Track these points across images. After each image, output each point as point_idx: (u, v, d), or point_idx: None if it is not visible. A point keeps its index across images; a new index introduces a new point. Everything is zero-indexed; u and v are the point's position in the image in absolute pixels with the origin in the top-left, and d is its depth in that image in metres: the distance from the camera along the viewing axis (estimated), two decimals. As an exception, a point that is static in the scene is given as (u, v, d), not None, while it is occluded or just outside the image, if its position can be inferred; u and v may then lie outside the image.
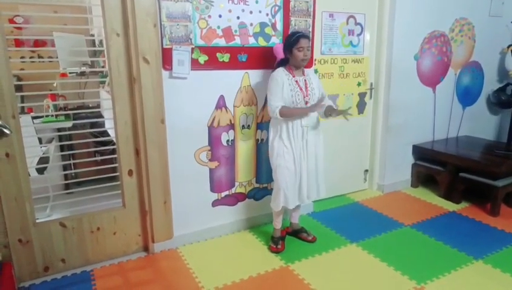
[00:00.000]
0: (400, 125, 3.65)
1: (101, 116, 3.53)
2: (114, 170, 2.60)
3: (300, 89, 2.46)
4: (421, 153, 3.80)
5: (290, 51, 2.43)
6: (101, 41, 3.88)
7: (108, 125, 3.18)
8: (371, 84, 3.57)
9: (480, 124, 4.28)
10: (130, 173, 2.53)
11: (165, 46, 2.40)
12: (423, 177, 3.87)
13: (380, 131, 3.65)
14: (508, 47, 4.02)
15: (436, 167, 3.62)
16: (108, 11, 2.25)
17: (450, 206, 3.41)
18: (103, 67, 4.00)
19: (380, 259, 2.55)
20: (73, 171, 3.47)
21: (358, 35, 3.36)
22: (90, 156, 3.42)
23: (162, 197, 2.59)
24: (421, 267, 2.44)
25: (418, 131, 3.82)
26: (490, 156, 3.42)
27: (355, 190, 3.76)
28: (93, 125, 3.59)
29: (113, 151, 2.62)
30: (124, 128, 2.45)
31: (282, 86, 2.41)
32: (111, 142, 3.18)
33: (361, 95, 3.54)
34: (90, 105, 3.97)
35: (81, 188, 2.45)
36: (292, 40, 2.41)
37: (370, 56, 3.48)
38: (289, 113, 2.41)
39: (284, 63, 2.53)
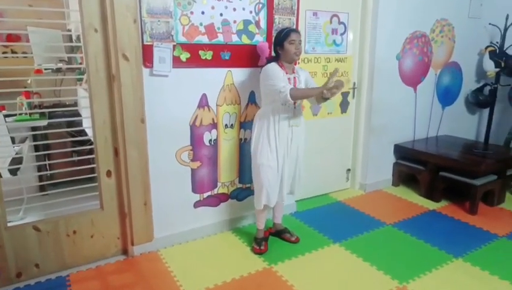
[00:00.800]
0: (382, 125, 3.68)
1: (78, 114, 3.41)
2: (92, 170, 2.50)
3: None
4: (402, 152, 3.84)
5: (281, 46, 2.39)
6: (78, 37, 3.75)
7: (86, 125, 3.07)
8: (354, 83, 3.58)
9: (460, 124, 4.37)
10: (109, 173, 2.45)
11: (145, 43, 2.32)
12: (404, 177, 3.92)
13: (362, 130, 3.67)
14: (486, 48, 4.10)
15: (417, 166, 3.66)
16: (86, 5, 2.16)
17: (430, 204, 3.46)
18: (81, 64, 3.87)
19: (362, 259, 2.55)
20: (48, 172, 3.33)
21: (342, 34, 3.35)
22: (66, 156, 3.29)
23: (142, 198, 2.52)
24: (402, 267, 2.46)
25: (399, 130, 3.86)
26: (469, 155, 3.49)
27: (337, 189, 3.77)
28: (70, 124, 3.46)
29: (91, 151, 2.52)
30: (102, 127, 2.37)
31: (280, 73, 2.37)
32: (89, 142, 3.07)
33: (344, 95, 3.54)
34: (67, 103, 3.83)
35: (56, 190, 2.35)
36: (283, 34, 2.39)
37: (353, 55, 3.49)
38: (303, 94, 2.33)
39: (274, 60, 2.48)
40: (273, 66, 2.40)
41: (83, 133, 3.31)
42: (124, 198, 2.49)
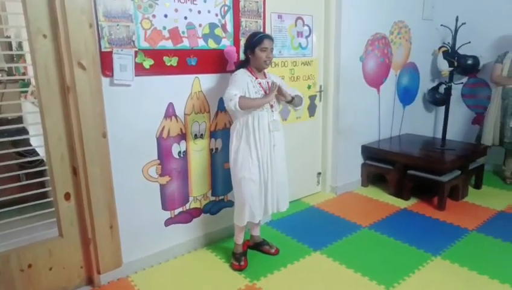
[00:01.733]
0: (349, 127, 3.68)
1: (25, 132, 3.05)
2: (46, 194, 2.22)
3: (265, 92, 2.31)
4: (369, 152, 3.87)
5: (252, 51, 2.27)
6: (20, 44, 3.38)
7: (36, 143, 2.74)
8: (320, 86, 3.55)
9: (419, 122, 4.51)
10: (67, 196, 2.18)
11: (103, 50, 2.09)
12: (372, 177, 3.95)
13: (331, 133, 3.64)
14: (439, 48, 4.26)
15: (385, 166, 3.70)
16: (32, 7, 1.90)
17: (400, 203, 3.51)
18: (23, 74, 3.50)
19: (345, 266, 2.49)
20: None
21: (307, 37, 3.30)
22: (13, 180, 2.91)
23: (107, 221, 2.27)
24: (386, 270, 2.42)
25: (365, 131, 3.89)
26: (433, 152, 3.59)
27: (309, 193, 3.71)
28: (15, 143, 3.08)
29: (42, 173, 2.23)
30: (57, 144, 2.10)
31: (246, 85, 2.25)
32: (41, 162, 2.74)
33: (312, 98, 3.49)
34: (10, 118, 3.43)
35: (5, 220, 2.04)
36: (255, 39, 2.26)
37: (319, 58, 3.46)
38: (250, 103, 2.19)
39: (244, 65, 2.36)
40: (239, 74, 2.28)
41: (35, 153, 2.96)
42: (86, 222, 2.23)
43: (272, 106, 2.33)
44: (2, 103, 3.23)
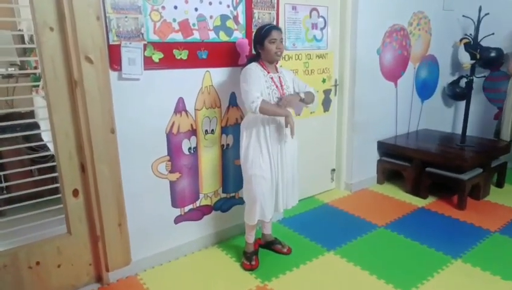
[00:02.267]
0: (365, 122, 3.56)
1: (37, 126, 3.02)
2: (56, 190, 2.18)
3: (277, 86, 2.23)
4: (385, 149, 3.74)
5: (262, 45, 2.19)
6: (31, 37, 3.35)
7: (47, 138, 2.71)
8: (336, 80, 3.43)
9: (437, 117, 4.35)
10: (76, 193, 2.14)
11: (111, 43, 2.03)
12: (389, 173, 3.83)
13: (345, 128, 3.53)
14: (461, 40, 4.08)
15: (402, 163, 3.58)
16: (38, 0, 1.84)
17: (417, 201, 3.38)
18: (35, 68, 3.47)
19: (360, 267, 2.40)
20: (3, 195, 2.92)
21: (322, 29, 3.18)
22: (26, 175, 2.90)
23: (115, 218, 2.23)
24: (403, 273, 2.32)
25: (381, 126, 3.76)
26: (453, 149, 3.44)
27: (323, 190, 3.62)
28: (28, 138, 3.07)
29: (53, 169, 2.20)
30: (65, 141, 2.06)
31: (259, 79, 2.16)
32: (52, 158, 2.72)
33: (327, 92, 3.38)
34: (22, 112, 3.42)
35: (14, 216, 2.02)
36: (263, 32, 2.18)
37: (334, 51, 3.33)
38: (270, 111, 2.12)
39: (255, 59, 2.28)
40: (252, 68, 2.19)
41: (46, 148, 2.93)
42: (95, 219, 2.19)
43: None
44: (14, 98, 3.23)
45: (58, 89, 1.98)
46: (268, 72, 2.22)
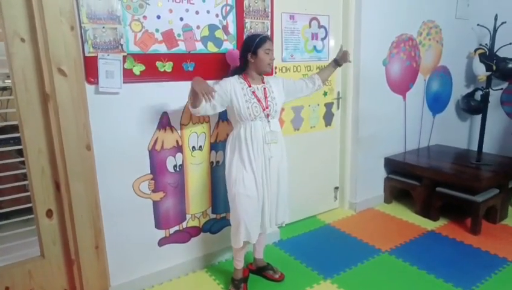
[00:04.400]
0: (370, 137, 3.34)
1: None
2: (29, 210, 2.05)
3: (259, 100, 2.06)
4: (393, 166, 3.51)
5: (255, 53, 2.04)
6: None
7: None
8: (338, 93, 3.24)
9: (451, 132, 4.08)
10: (49, 213, 2.01)
11: (87, 54, 1.91)
12: (397, 192, 3.58)
13: (349, 144, 3.32)
14: (475, 51, 3.84)
15: (411, 181, 3.33)
16: (7, 8, 1.74)
17: (427, 224, 3.12)
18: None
19: (358, 299, 2.18)
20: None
21: (323, 39, 3.01)
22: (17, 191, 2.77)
23: (92, 240, 2.08)
24: (406, 308, 2.09)
25: (389, 142, 3.53)
26: (467, 167, 3.17)
27: (325, 210, 3.40)
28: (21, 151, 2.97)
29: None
30: (37, 157, 1.93)
31: (231, 88, 2.03)
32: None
33: (328, 106, 3.19)
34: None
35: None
36: (258, 40, 2.04)
37: (336, 62, 3.15)
38: (192, 99, 1.94)
39: (238, 71, 2.13)
40: (225, 80, 2.08)
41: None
42: (69, 242, 2.05)
43: (267, 116, 2.07)
44: (8, 110, 3.15)
45: (30, 103, 1.86)
46: (250, 86, 2.06)
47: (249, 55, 2.06)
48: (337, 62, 2.34)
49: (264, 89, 2.11)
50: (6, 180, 2.52)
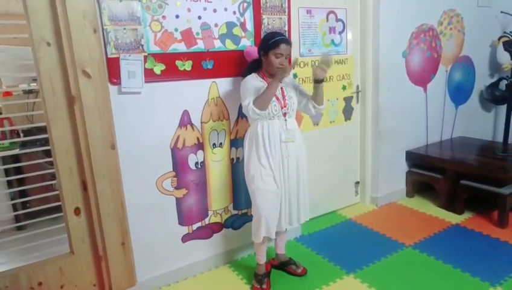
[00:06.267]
0: (391, 130, 3.30)
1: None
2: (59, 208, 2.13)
3: (277, 99, 2.07)
4: (415, 159, 3.45)
5: (266, 54, 2.04)
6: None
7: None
8: (357, 86, 3.20)
9: (474, 123, 3.98)
10: (77, 211, 2.07)
11: (110, 56, 1.96)
12: (419, 186, 3.52)
13: (369, 138, 3.28)
14: (499, 39, 3.73)
15: (434, 175, 3.27)
16: (34, 15, 1.80)
17: (452, 217, 3.06)
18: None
19: (383, 294, 2.16)
20: (13, 213, 2.92)
21: (340, 32, 2.99)
22: (44, 190, 2.87)
23: (118, 237, 2.14)
24: (432, 302, 2.06)
25: (410, 135, 3.48)
26: (492, 159, 3.09)
27: (346, 205, 3.38)
28: (48, 153, 3.08)
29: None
30: (65, 157, 2.00)
31: (258, 90, 2.02)
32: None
33: (348, 100, 3.16)
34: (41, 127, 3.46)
35: (16, 236, 1.99)
36: (270, 42, 2.00)
37: (355, 55, 3.12)
38: (264, 97, 1.96)
39: (255, 67, 2.14)
40: (249, 81, 2.07)
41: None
42: (97, 239, 2.11)
43: (285, 114, 2.07)
44: (34, 113, 3.26)
45: (57, 105, 1.92)
46: (269, 83, 2.06)
47: (261, 54, 2.08)
48: (316, 81, 2.09)
49: (281, 88, 2.10)
50: (35, 180, 2.64)
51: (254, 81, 2.06)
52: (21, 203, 2.96)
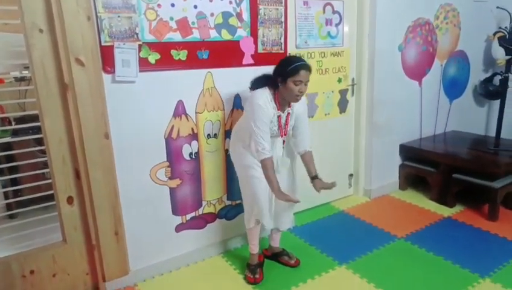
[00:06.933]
0: (385, 124, 3.31)
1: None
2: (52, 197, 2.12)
3: (280, 126, 2.06)
4: (408, 152, 3.47)
5: (284, 81, 1.91)
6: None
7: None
8: (353, 79, 3.20)
9: (468, 118, 4.01)
10: (70, 200, 2.06)
11: (104, 44, 1.93)
12: (412, 179, 3.55)
13: (364, 131, 3.30)
14: (494, 34, 3.74)
15: (427, 168, 3.30)
16: (26, 0, 1.77)
17: (443, 210, 3.10)
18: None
19: (374, 284, 2.19)
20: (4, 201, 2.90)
21: (337, 25, 2.97)
22: (36, 178, 2.86)
23: (111, 226, 2.14)
24: (422, 293, 2.10)
25: (404, 129, 3.50)
26: (484, 153, 3.12)
27: (339, 197, 3.40)
28: (39, 141, 3.05)
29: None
30: (58, 146, 1.98)
31: (269, 120, 1.98)
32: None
33: (343, 93, 3.16)
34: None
35: (8, 224, 1.98)
36: (290, 69, 1.88)
37: (351, 48, 3.11)
38: (266, 175, 1.97)
39: (270, 84, 2.01)
40: (264, 105, 1.93)
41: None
42: (90, 228, 2.11)
43: (283, 142, 2.13)
44: (26, 100, 3.22)
45: (49, 93, 1.90)
46: (279, 109, 2.01)
47: (279, 79, 1.95)
48: (314, 177, 2.22)
49: (288, 115, 2.07)
50: (27, 169, 2.62)
51: (268, 110, 1.95)
52: (12, 191, 2.95)
